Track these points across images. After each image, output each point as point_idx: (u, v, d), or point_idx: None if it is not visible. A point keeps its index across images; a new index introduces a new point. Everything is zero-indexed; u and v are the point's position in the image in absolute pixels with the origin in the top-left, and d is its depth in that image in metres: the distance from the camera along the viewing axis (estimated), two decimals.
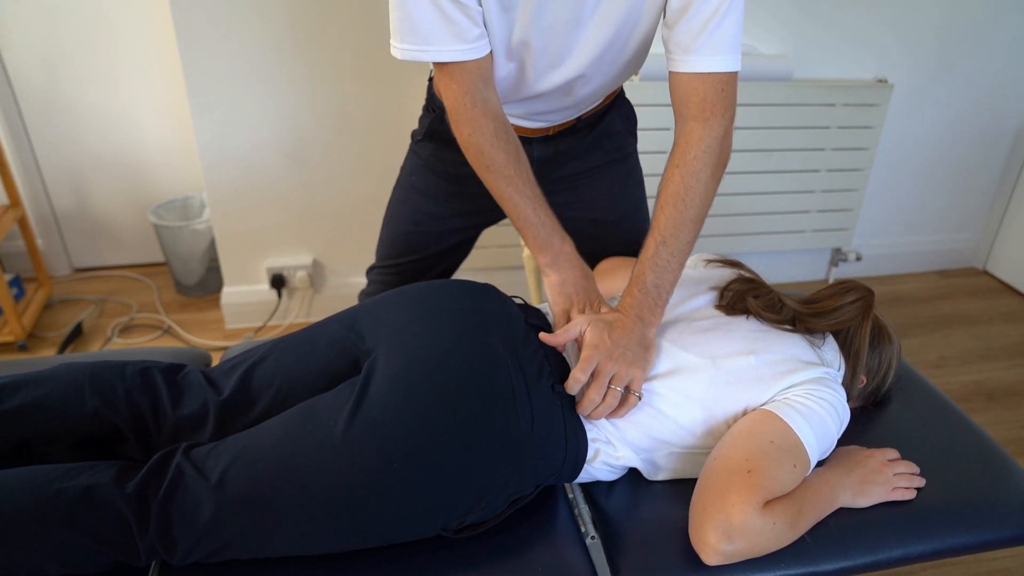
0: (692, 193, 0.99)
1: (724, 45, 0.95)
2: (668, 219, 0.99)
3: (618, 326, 0.95)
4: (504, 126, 1.06)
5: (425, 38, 0.95)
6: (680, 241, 0.99)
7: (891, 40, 2.25)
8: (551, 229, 1.07)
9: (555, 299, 1.05)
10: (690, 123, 0.99)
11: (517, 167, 1.05)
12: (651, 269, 0.98)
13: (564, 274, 1.06)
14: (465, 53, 0.97)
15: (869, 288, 1.05)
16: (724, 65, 0.96)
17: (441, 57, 0.97)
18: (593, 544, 0.87)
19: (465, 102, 1.02)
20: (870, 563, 0.90)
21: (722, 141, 1.00)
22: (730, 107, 0.99)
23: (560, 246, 1.07)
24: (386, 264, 1.39)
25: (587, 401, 0.91)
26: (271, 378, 0.95)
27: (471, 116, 1.02)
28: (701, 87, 0.97)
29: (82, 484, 0.80)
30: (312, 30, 1.87)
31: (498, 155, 1.04)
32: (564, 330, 0.96)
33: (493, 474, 0.85)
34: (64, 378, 0.92)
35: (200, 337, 2.19)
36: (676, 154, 1.00)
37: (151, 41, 2.19)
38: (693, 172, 0.99)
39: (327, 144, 2.03)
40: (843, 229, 2.44)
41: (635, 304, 0.97)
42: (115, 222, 2.46)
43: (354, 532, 0.83)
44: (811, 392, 0.91)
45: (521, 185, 1.05)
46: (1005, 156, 2.57)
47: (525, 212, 1.06)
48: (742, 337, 0.98)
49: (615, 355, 0.92)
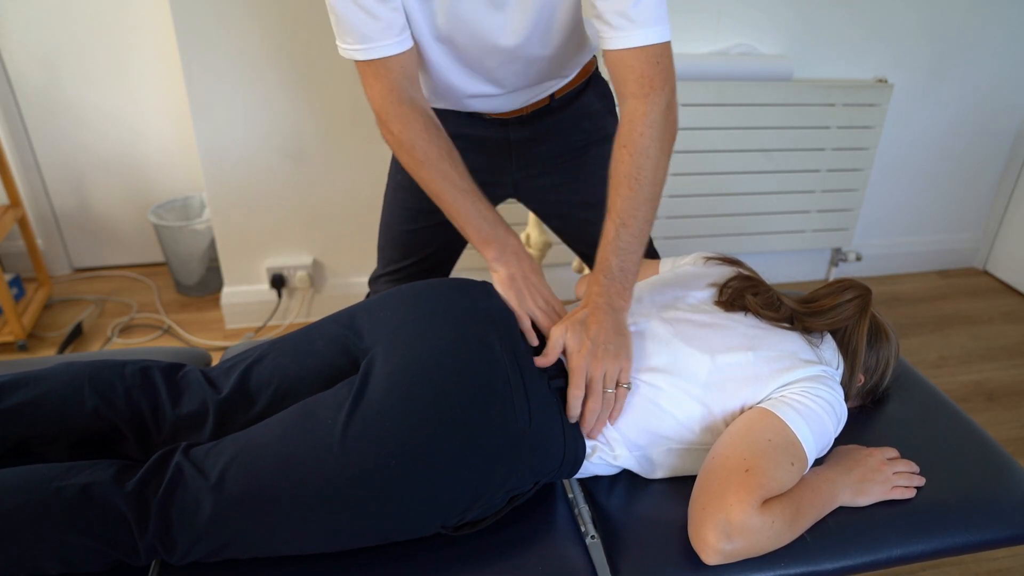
0: (643, 171, 0.98)
1: (649, 17, 0.95)
2: (624, 200, 0.98)
3: (592, 322, 0.94)
4: (434, 122, 1.06)
5: (356, 36, 0.99)
6: (639, 220, 0.98)
7: (891, 40, 2.25)
8: (493, 222, 1.06)
9: (506, 294, 1.03)
10: (631, 101, 0.99)
11: (451, 162, 1.05)
12: (614, 253, 0.97)
13: (512, 268, 1.04)
14: (390, 48, 0.99)
15: (867, 287, 1.05)
16: (653, 37, 0.96)
17: (370, 55, 0.99)
18: (593, 544, 0.87)
19: (391, 99, 1.03)
20: (870, 562, 0.90)
21: (665, 115, 0.99)
22: (668, 79, 0.99)
23: (505, 239, 1.06)
24: (389, 271, 1.38)
25: (590, 414, 0.91)
26: (270, 377, 0.95)
27: (399, 112, 1.03)
28: (635, 63, 0.97)
29: (81, 483, 0.80)
30: (312, 30, 1.87)
31: (431, 149, 1.04)
32: (549, 349, 0.95)
33: (492, 471, 0.85)
34: (64, 377, 0.92)
35: (200, 337, 2.19)
36: (622, 134, 0.99)
37: (151, 41, 2.20)
38: (641, 149, 0.98)
39: (327, 144, 2.03)
40: (843, 229, 2.44)
41: (604, 292, 0.96)
42: (115, 222, 2.46)
43: (353, 530, 0.83)
44: (808, 390, 0.92)
45: (457, 179, 1.05)
46: (1005, 156, 2.57)
47: (464, 205, 1.05)
48: (740, 334, 0.98)
49: (599, 354, 0.91)
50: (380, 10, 0.96)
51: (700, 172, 2.21)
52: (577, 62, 1.19)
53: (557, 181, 1.28)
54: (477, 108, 1.21)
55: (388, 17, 0.97)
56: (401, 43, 1.00)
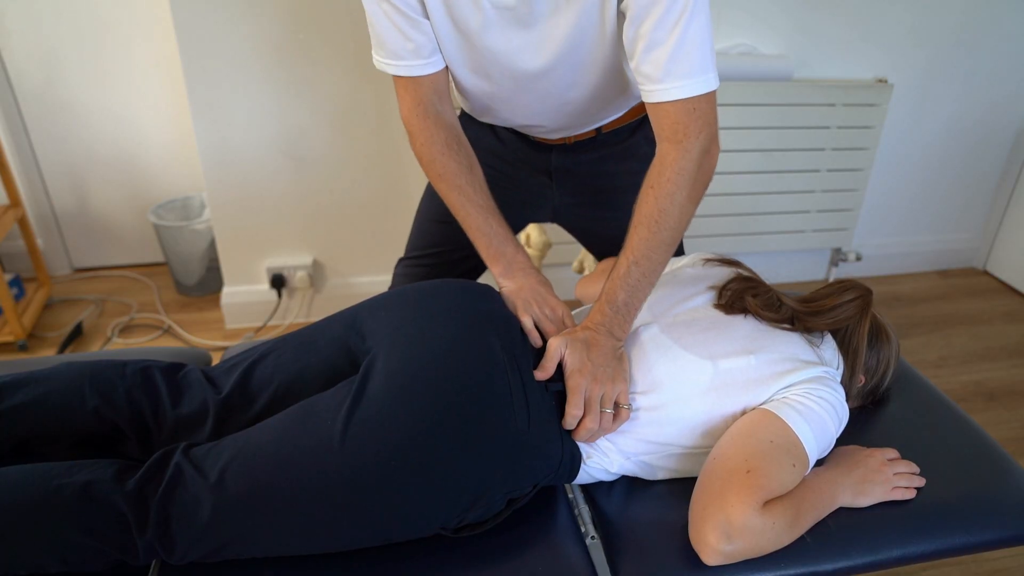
0: (666, 216, 0.97)
1: (688, 69, 0.92)
2: (641, 240, 0.97)
3: (592, 343, 0.94)
4: (457, 137, 1.09)
5: (389, 53, 1.02)
6: (652, 262, 0.98)
7: (891, 40, 2.25)
8: (503, 239, 1.08)
9: (512, 303, 1.04)
10: (665, 144, 0.97)
11: (469, 177, 1.08)
12: (623, 288, 0.97)
13: (519, 281, 1.06)
14: (420, 68, 1.03)
15: (867, 287, 1.05)
16: (691, 89, 0.93)
17: (400, 71, 1.04)
18: (593, 544, 0.87)
19: (418, 112, 1.07)
20: (870, 563, 0.90)
21: (699, 162, 0.96)
22: (705, 126, 0.96)
23: (513, 255, 1.08)
24: (414, 255, 1.38)
25: (584, 431, 0.91)
26: (270, 377, 0.95)
27: (424, 126, 1.07)
28: (672, 112, 0.95)
29: (81, 481, 0.80)
30: (312, 30, 1.87)
31: (450, 164, 1.07)
32: (547, 358, 0.94)
33: (490, 473, 0.85)
34: (64, 377, 0.92)
35: (200, 337, 2.19)
36: (651, 175, 0.98)
37: (151, 41, 2.20)
38: (667, 194, 0.96)
39: (327, 144, 2.03)
40: (843, 229, 2.44)
41: (606, 321, 0.97)
42: (115, 222, 2.46)
43: (353, 531, 0.83)
44: (810, 391, 0.91)
45: (473, 195, 1.08)
46: (1005, 156, 2.57)
47: (477, 221, 1.08)
48: (741, 337, 0.98)
49: (599, 376, 0.92)
50: (412, 33, 0.99)
51: None
52: (620, 105, 1.17)
53: (598, 215, 1.28)
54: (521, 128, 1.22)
55: (419, 40, 1.00)
56: (431, 65, 1.04)
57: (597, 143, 1.22)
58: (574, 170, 1.25)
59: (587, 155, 1.23)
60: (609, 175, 1.25)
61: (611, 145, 1.23)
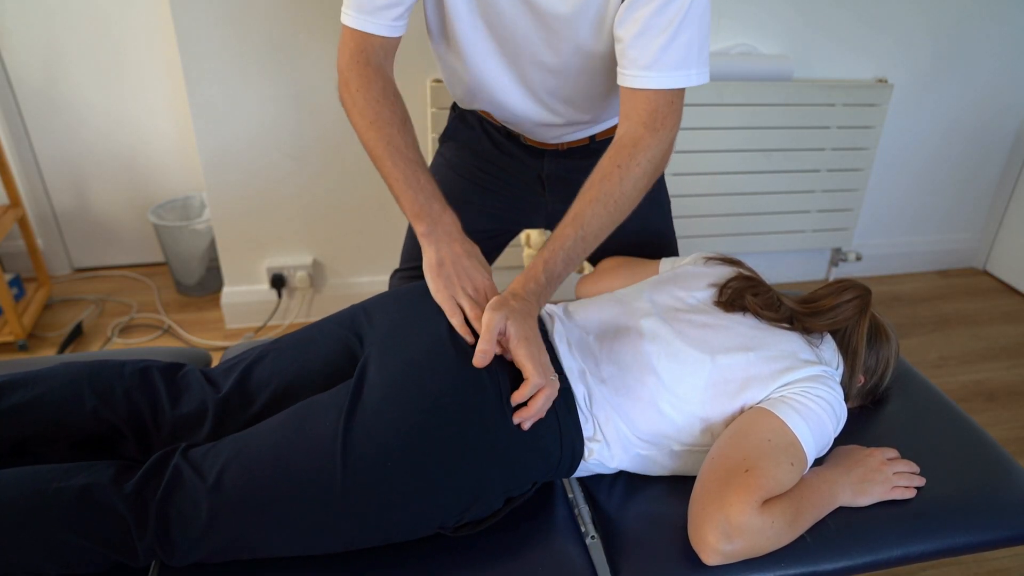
0: (626, 198, 0.97)
1: (676, 60, 0.93)
2: (595, 216, 0.96)
3: (528, 315, 0.90)
4: (395, 90, 1.03)
5: (355, 5, 0.98)
6: (596, 239, 0.97)
7: (891, 40, 2.25)
8: (431, 195, 1.00)
9: (435, 284, 0.95)
10: (639, 128, 0.97)
11: (402, 127, 1.01)
12: (562, 260, 0.95)
13: (443, 250, 0.97)
14: (381, 28, 0.99)
15: (866, 287, 1.05)
16: (676, 81, 0.95)
17: (358, 25, 0.99)
18: (593, 544, 0.87)
19: (359, 59, 1.01)
20: (870, 563, 0.90)
21: (666, 152, 0.99)
22: (678, 120, 0.99)
23: (440, 214, 1.00)
24: (409, 266, 1.37)
25: (544, 398, 0.85)
26: (269, 377, 0.95)
27: (363, 72, 1.01)
28: (653, 99, 0.96)
29: (80, 484, 0.80)
30: (312, 30, 1.87)
31: (383, 111, 1.01)
32: (484, 338, 0.86)
33: (489, 472, 0.85)
34: (63, 377, 0.92)
35: (200, 337, 2.19)
36: (621, 155, 0.97)
37: (151, 41, 2.20)
38: (634, 177, 0.97)
39: (327, 144, 2.03)
40: (843, 229, 2.44)
41: (538, 291, 0.93)
42: (115, 222, 2.46)
43: (352, 531, 0.83)
44: (808, 390, 0.91)
45: (403, 147, 1.00)
46: (1005, 156, 2.57)
47: (404, 172, 0.99)
48: (740, 334, 0.98)
49: (541, 344, 0.89)
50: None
51: (700, 172, 2.21)
52: (615, 105, 1.16)
53: None
54: (510, 121, 1.19)
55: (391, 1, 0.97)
56: (393, 29, 1.00)
57: (590, 151, 1.22)
58: (566, 177, 1.24)
59: (580, 162, 1.23)
60: None
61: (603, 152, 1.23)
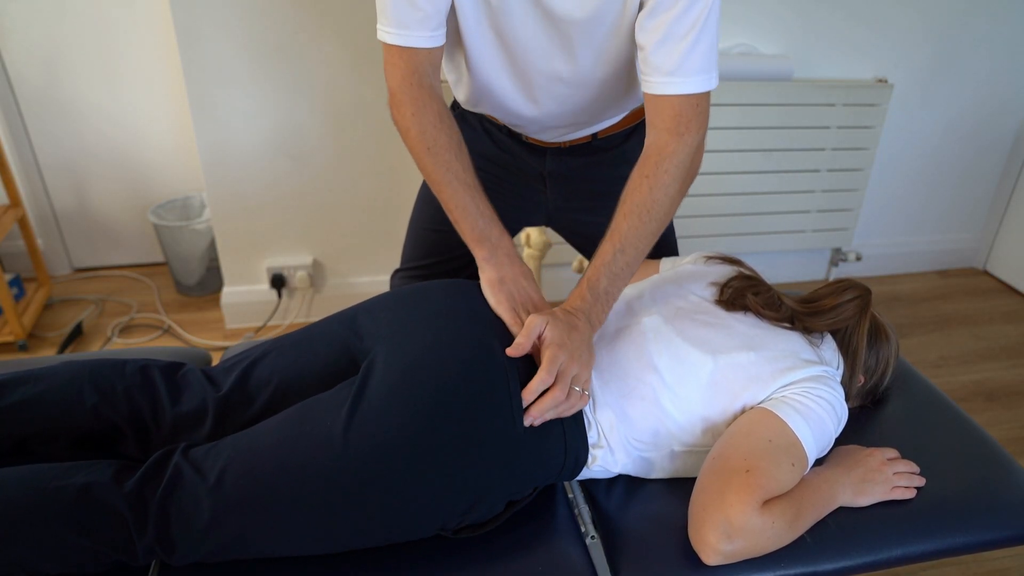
0: (658, 206, 0.97)
1: (699, 66, 0.94)
2: (631, 229, 0.97)
3: (573, 327, 0.93)
4: (447, 112, 1.05)
5: (393, 21, 0.98)
6: (637, 251, 0.98)
7: (891, 40, 2.25)
8: (490, 220, 1.04)
9: (495, 297, 1.00)
10: (663, 135, 0.98)
11: (458, 152, 1.04)
12: (606, 275, 0.97)
13: (503, 271, 1.02)
14: (423, 40, 0.99)
15: (867, 287, 1.05)
16: (700, 85, 0.95)
17: (401, 41, 0.99)
18: (593, 544, 0.87)
19: (411, 82, 1.02)
20: (870, 563, 0.90)
21: (694, 156, 0.99)
22: (704, 122, 0.99)
23: (499, 240, 1.04)
24: (409, 267, 1.37)
25: (550, 399, 0.87)
26: (269, 376, 0.95)
27: (416, 96, 1.02)
28: (677, 105, 0.96)
29: (80, 483, 0.80)
30: (312, 30, 1.87)
31: (440, 137, 1.03)
32: (523, 333, 0.91)
33: (491, 475, 0.85)
34: (63, 375, 0.92)
35: (200, 337, 2.19)
36: (647, 165, 0.98)
37: (151, 41, 2.20)
38: (663, 185, 0.97)
39: (327, 144, 2.03)
40: (843, 229, 2.44)
41: (586, 308, 0.96)
42: (115, 222, 2.46)
43: (352, 532, 0.83)
44: (809, 390, 0.91)
45: (461, 172, 1.03)
46: (1005, 156, 2.57)
47: (464, 199, 1.03)
48: (741, 334, 0.98)
49: (575, 355, 0.90)
50: (422, 2, 0.96)
51: (701, 172, 2.20)
52: (624, 105, 1.17)
53: (592, 219, 1.27)
54: (513, 123, 1.19)
55: (428, 10, 0.97)
56: (433, 39, 1.00)
57: (592, 148, 1.22)
58: (568, 174, 1.24)
59: (581, 159, 1.23)
60: (603, 179, 1.25)
61: (605, 150, 1.23)
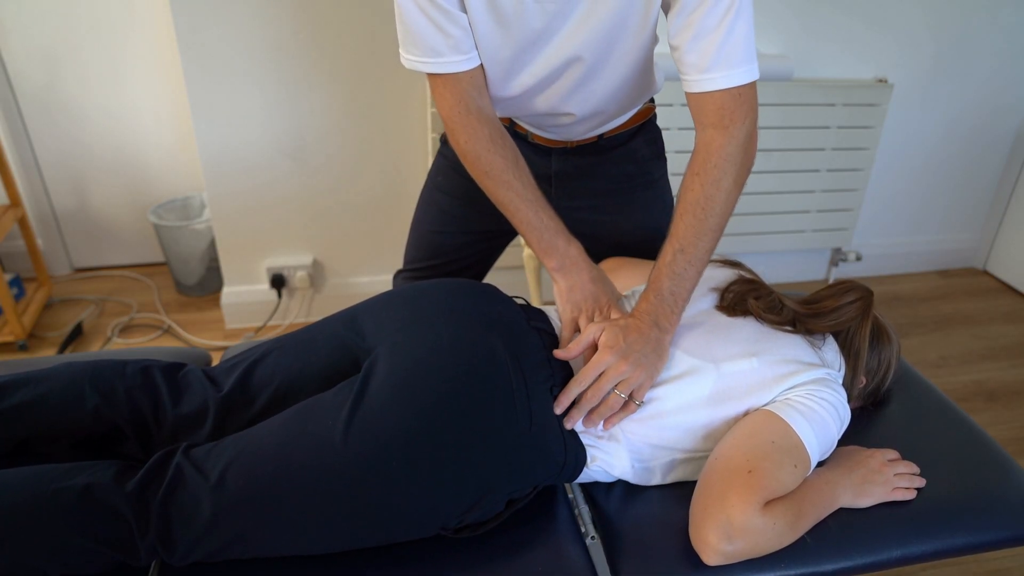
0: (713, 202, 0.96)
1: (736, 58, 0.93)
2: (687, 227, 0.97)
3: (633, 330, 0.93)
4: (500, 131, 1.06)
5: (425, 50, 0.98)
6: (699, 250, 0.97)
7: (891, 40, 2.25)
8: (555, 231, 1.06)
9: (563, 307, 1.03)
10: (709, 131, 0.97)
11: (516, 171, 1.05)
12: (668, 276, 0.97)
13: (572, 279, 1.04)
14: (460, 64, 0.99)
15: (868, 288, 1.05)
16: (739, 79, 0.94)
17: (439, 69, 0.99)
18: (593, 544, 0.87)
19: (459, 109, 1.03)
20: (870, 563, 0.90)
21: (745, 147, 0.97)
22: (750, 111, 0.97)
23: (566, 248, 1.06)
24: (412, 267, 1.38)
25: (586, 403, 0.89)
26: (271, 376, 0.95)
27: (466, 123, 1.03)
28: (718, 99, 0.95)
29: (82, 483, 0.80)
30: (312, 30, 1.87)
31: (495, 160, 1.04)
32: (576, 341, 0.94)
33: (491, 474, 0.85)
34: (64, 376, 0.92)
35: (200, 337, 2.19)
36: (696, 162, 0.98)
37: (151, 41, 2.20)
38: (713, 180, 0.96)
39: (327, 144, 2.03)
40: (843, 229, 2.44)
41: (651, 310, 0.96)
42: (115, 222, 2.46)
43: (353, 531, 0.83)
44: (812, 393, 0.91)
45: (521, 189, 1.05)
46: (1005, 156, 2.57)
47: (527, 216, 1.05)
48: (743, 339, 0.98)
49: (629, 357, 0.90)
50: (450, 28, 0.96)
51: None
52: (634, 102, 1.16)
53: (597, 218, 1.28)
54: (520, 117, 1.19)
55: (457, 35, 0.97)
56: (469, 61, 1.00)
57: (598, 147, 1.22)
58: (573, 173, 1.25)
59: (587, 159, 1.23)
60: (607, 178, 1.25)
61: (611, 149, 1.23)
